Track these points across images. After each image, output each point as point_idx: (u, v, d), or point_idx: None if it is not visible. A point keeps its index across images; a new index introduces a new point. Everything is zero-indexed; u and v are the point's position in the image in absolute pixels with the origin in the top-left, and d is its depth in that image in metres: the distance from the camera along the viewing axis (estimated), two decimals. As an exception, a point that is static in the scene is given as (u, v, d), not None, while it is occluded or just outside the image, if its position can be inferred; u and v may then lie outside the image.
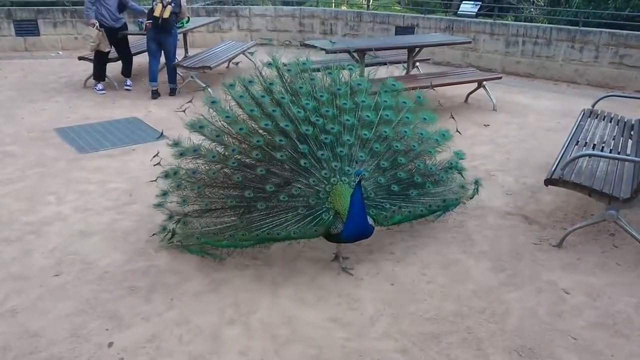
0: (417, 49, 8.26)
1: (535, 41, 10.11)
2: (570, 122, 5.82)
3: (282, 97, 3.80)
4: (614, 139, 4.96)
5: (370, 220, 3.52)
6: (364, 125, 3.86)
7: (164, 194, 3.92)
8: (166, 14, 7.67)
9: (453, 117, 4.48)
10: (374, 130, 3.87)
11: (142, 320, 3.27)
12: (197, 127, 3.79)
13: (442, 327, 3.26)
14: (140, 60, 9.29)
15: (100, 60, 8.26)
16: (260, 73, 3.97)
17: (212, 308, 3.38)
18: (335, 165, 3.60)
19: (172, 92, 8.27)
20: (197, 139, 3.85)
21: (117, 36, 8.13)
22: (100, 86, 8.42)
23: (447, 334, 3.20)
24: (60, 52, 11.42)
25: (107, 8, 7.89)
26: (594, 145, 4.81)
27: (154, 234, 4.08)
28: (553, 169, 4.21)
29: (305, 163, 3.56)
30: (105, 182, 5.20)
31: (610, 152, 4.64)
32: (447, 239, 4.22)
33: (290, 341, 3.12)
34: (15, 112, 7.33)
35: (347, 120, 3.79)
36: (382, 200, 3.75)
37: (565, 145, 4.75)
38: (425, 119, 4.11)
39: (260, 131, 3.72)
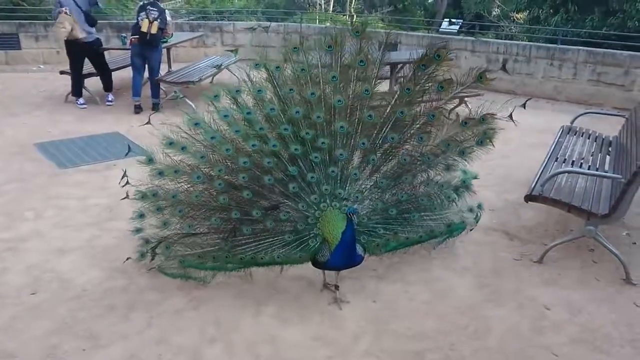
0: (399, 65, 8.34)
1: (516, 58, 10.29)
2: (550, 138, 5.90)
3: (271, 109, 3.46)
4: (592, 156, 5.05)
5: (359, 249, 3.36)
6: (364, 131, 3.47)
7: (141, 215, 3.66)
8: (153, 30, 7.66)
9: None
10: (374, 137, 3.48)
11: (120, 339, 3.21)
12: (178, 147, 3.50)
13: (425, 344, 3.25)
14: (123, 75, 9.25)
15: (77, 76, 8.19)
16: (249, 78, 3.59)
17: (192, 326, 3.33)
18: (326, 189, 3.39)
19: (155, 107, 8.22)
20: (175, 156, 3.58)
21: (90, 52, 8.07)
22: (81, 100, 8.34)
23: (430, 351, 3.19)
24: (42, 66, 11.30)
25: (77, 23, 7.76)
26: (573, 161, 4.88)
27: (128, 258, 3.88)
28: (533, 185, 4.26)
29: (294, 187, 3.37)
30: (85, 198, 5.13)
31: (588, 169, 4.72)
32: (430, 255, 4.23)
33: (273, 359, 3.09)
34: (-6, 127, 7.21)
35: (341, 128, 3.38)
36: (375, 225, 3.53)
37: (545, 162, 4.82)
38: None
39: (248, 150, 3.44)
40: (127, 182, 3.68)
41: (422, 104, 3.55)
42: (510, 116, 3.84)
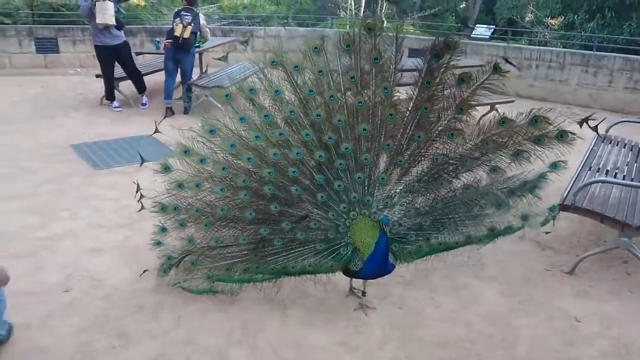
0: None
1: (549, 65, 10.12)
2: (583, 146, 5.77)
3: (291, 112, 3.28)
4: (627, 165, 4.93)
5: (391, 258, 3.25)
6: (387, 132, 3.27)
7: (163, 229, 3.53)
8: (186, 34, 7.83)
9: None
10: (399, 138, 3.27)
11: (149, 338, 3.28)
12: (196, 158, 3.39)
13: (451, 352, 3.22)
14: (156, 79, 9.44)
15: (108, 79, 8.41)
16: (265, 77, 3.41)
17: (219, 328, 3.38)
18: (354, 197, 3.24)
19: (186, 111, 8.37)
20: (193, 165, 3.45)
21: (119, 55, 8.28)
22: (116, 103, 8.55)
23: (456, 359, 3.17)
24: (79, 70, 11.63)
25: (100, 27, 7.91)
26: (607, 171, 4.77)
27: (145, 270, 3.81)
28: (565, 194, 4.18)
29: (322, 197, 3.22)
30: (118, 199, 5.25)
31: (623, 179, 4.60)
32: (457, 262, 4.18)
33: (298, 362, 3.11)
34: (33, 128, 7.44)
35: (364, 130, 3.21)
36: (407, 232, 3.36)
37: (578, 171, 4.72)
38: None
39: (271, 159, 3.26)
40: (141, 196, 3.67)
41: (445, 99, 3.30)
42: (594, 128, 3.83)
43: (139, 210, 3.73)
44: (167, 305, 3.58)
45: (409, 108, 3.27)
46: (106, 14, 7.73)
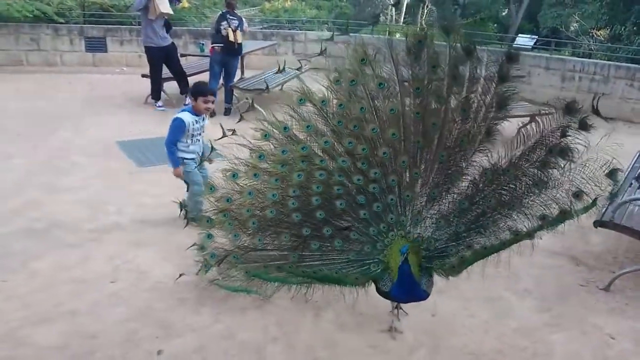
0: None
1: (592, 77, 9.96)
2: (624, 161, 5.70)
3: (325, 142, 3.21)
4: (670, 184, 4.84)
5: (424, 284, 3.08)
6: (407, 149, 3.10)
7: (209, 236, 3.52)
8: (239, 39, 8.13)
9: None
10: (416, 154, 3.09)
11: (190, 331, 3.44)
12: (251, 174, 3.36)
13: (483, 363, 3.27)
14: (197, 80, 9.72)
15: (156, 79, 8.71)
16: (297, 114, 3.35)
17: (256, 325, 3.51)
18: (391, 218, 3.15)
19: (227, 112, 8.60)
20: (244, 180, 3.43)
21: (168, 56, 8.57)
22: (160, 103, 8.85)
23: (487, 370, 3.21)
24: (125, 69, 12.06)
25: (154, 28, 8.34)
26: (648, 188, 4.71)
27: (181, 275, 3.85)
28: (604, 210, 4.16)
29: (364, 214, 3.15)
30: (161, 196, 5.45)
31: (665, 197, 4.53)
32: (491, 274, 4.20)
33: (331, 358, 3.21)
34: (82, 124, 7.79)
35: (384, 153, 3.10)
36: (445, 245, 3.15)
37: (618, 187, 4.67)
38: None
39: (318, 179, 3.19)
40: (186, 212, 3.95)
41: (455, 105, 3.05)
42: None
43: (185, 227, 3.95)
44: (207, 301, 3.74)
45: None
46: (165, 3, 8.11)
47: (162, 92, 8.94)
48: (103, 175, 5.94)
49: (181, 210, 4.04)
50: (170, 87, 9.14)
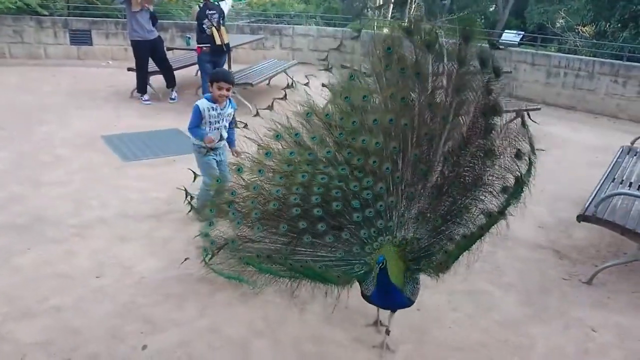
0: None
1: (577, 73, 10.05)
2: (609, 157, 5.78)
3: (327, 152, 3.28)
4: (651, 179, 4.92)
5: (409, 291, 3.07)
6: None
7: (211, 224, 3.51)
8: (226, 39, 8.06)
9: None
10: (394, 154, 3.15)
11: (175, 326, 3.43)
12: (255, 170, 3.38)
13: (466, 355, 3.30)
14: (183, 73, 9.67)
15: (142, 73, 8.64)
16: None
17: (242, 319, 3.51)
18: (380, 224, 3.18)
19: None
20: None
21: (154, 49, 8.50)
22: (146, 97, 8.77)
23: (470, 363, 3.24)
24: (111, 62, 11.92)
25: (139, 21, 8.24)
26: (631, 183, 4.78)
27: (186, 259, 3.92)
28: (587, 205, 4.21)
29: (358, 217, 3.19)
30: (146, 191, 5.43)
31: (646, 192, 4.60)
32: (475, 268, 4.23)
33: (317, 358, 3.22)
34: (66, 118, 7.70)
35: (374, 162, 3.18)
36: (429, 242, 3.14)
37: (601, 182, 4.74)
38: None
39: (320, 182, 3.25)
40: (191, 198, 3.88)
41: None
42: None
43: (188, 213, 3.90)
44: (192, 296, 3.73)
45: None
46: None
47: (148, 86, 8.86)
48: (87, 170, 5.88)
49: (186, 197, 3.97)
50: (157, 80, 9.06)
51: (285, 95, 3.55)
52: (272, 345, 3.30)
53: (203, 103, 4.47)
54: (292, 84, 3.70)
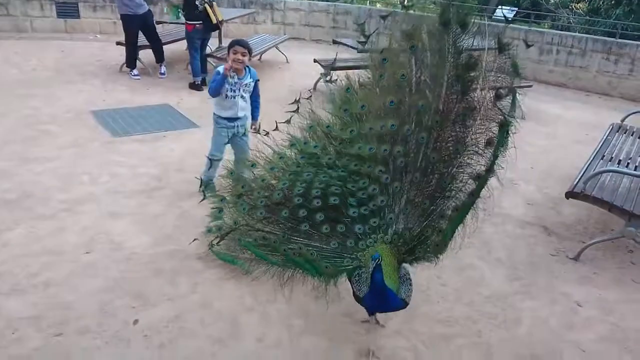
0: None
1: (570, 51, 10.02)
2: (599, 134, 5.80)
3: (329, 159, 3.35)
4: (640, 156, 4.96)
5: (403, 293, 2.96)
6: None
7: (220, 211, 3.62)
8: (220, 16, 7.93)
9: None
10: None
11: (166, 300, 3.44)
12: (268, 168, 3.48)
13: (453, 329, 3.35)
14: (173, 48, 9.53)
15: (131, 48, 8.50)
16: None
17: (232, 295, 3.53)
18: (374, 222, 3.13)
19: (203, 82, 8.45)
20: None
21: (144, 23, 8.35)
22: (135, 72, 8.64)
23: (458, 336, 3.30)
24: (99, 36, 11.70)
25: None
26: (619, 161, 4.81)
27: (195, 239, 3.92)
28: (575, 182, 4.25)
29: (354, 212, 3.16)
30: (136, 167, 5.39)
31: (635, 169, 4.64)
32: (463, 243, 4.26)
33: (305, 332, 3.26)
34: (54, 92, 7.58)
35: (369, 167, 3.17)
36: (421, 229, 3.06)
37: (590, 159, 4.77)
38: None
39: (322, 176, 3.29)
40: (204, 196, 3.88)
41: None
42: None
43: (201, 201, 3.85)
44: (183, 272, 3.74)
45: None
46: None
47: (137, 61, 8.73)
48: (76, 145, 5.81)
49: (200, 185, 4.04)
50: (146, 55, 8.92)
51: (298, 108, 3.62)
52: (262, 321, 3.33)
53: (222, 68, 4.44)
54: (298, 100, 3.74)
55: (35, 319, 3.19)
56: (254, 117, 4.77)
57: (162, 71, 8.82)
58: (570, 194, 4.16)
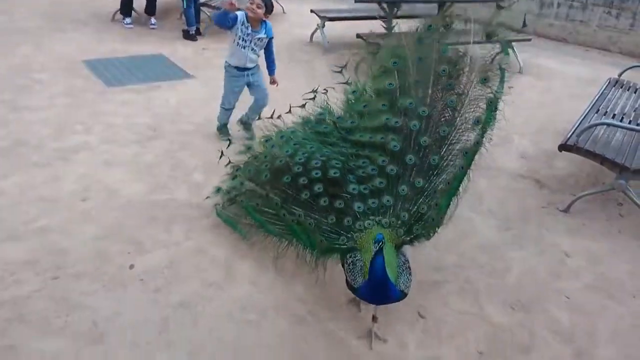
0: (447, 4, 8.12)
1: (571, 4, 9.83)
2: (596, 90, 5.77)
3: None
4: (635, 111, 4.95)
5: (403, 283, 2.79)
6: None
7: (234, 178, 3.68)
8: None
9: None
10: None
11: (161, 247, 3.50)
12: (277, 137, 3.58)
13: (444, 276, 3.44)
14: (168, -2, 9.33)
15: None
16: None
17: (226, 242, 3.59)
18: (373, 202, 3.10)
19: (198, 32, 8.30)
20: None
21: None
22: (128, 20, 8.46)
23: (447, 282, 3.39)
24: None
25: None
26: (614, 115, 4.81)
27: (207, 197, 3.87)
28: (569, 135, 4.26)
29: (354, 189, 3.13)
30: (130, 116, 5.36)
31: (629, 123, 4.64)
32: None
33: (296, 275, 3.33)
34: (45, 41, 7.43)
35: (370, 150, 3.26)
36: (417, 206, 3.07)
37: (585, 113, 4.76)
38: None
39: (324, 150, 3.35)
40: (230, 142, 3.97)
41: None
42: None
43: (227, 165, 3.85)
44: (178, 219, 3.79)
45: None
46: None
47: (132, 9, 8.52)
48: (69, 95, 5.75)
49: (226, 160, 3.95)
50: (139, 5, 8.69)
51: (315, 97, 3.82)
52: (255, 266, 3.40)
53: (241, 14, 4.44)
54: (315, 90, 3.85)
55: (33, 263, 3.25)
56: (271, 71, 4.86)
57: (153, 22, 8.60)
58: (563, 147, 4.18)
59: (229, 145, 3.89)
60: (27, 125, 4.97)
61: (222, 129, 5.00)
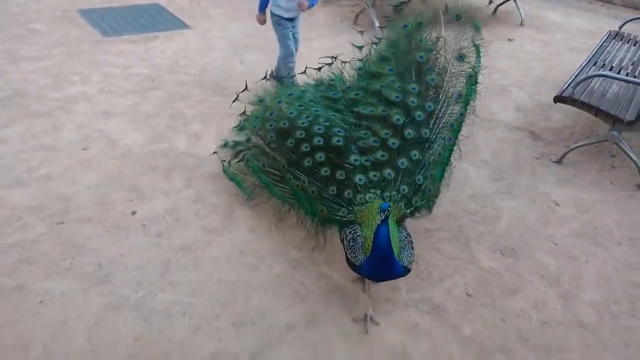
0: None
1: (576, -47, 9.58)
2: (596, 42, 5.74)
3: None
4: (633, 64, 4.94)
5: (406, 258, 2.74)
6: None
7: (242, 128, 3.75)
8: None
9: None
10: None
11: (162, 195, 3.59)
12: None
13: (435, 224, 3.54)
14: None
15: None
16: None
17: (226, 191, 3.68)
18: (375, 175, 3.10)
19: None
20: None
21: None
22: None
23: (439, 230, 3.50)
24: None
25: None
26: (612, 67, 4.81)
27: (215, 152, 3.90)
28: (565, 87, 4.28)
29: (355, 160, 3.13)
30: (128, 67, 5.36)
31: (626, 76, 4.65)
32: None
33: (292, 226, 3.42)
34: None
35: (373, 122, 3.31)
36: (416, 179, 3.12)
37: (583, 65, 4.76)
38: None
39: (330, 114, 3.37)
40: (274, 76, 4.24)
41: None
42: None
43: (267, 79, 4.10)
44: (177, 168, 3.87)
45: None
46: None
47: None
48: (66, 45, 5.72)
49: (267, 74, 4.19)
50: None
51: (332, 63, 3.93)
52: (254, 213, 3.50)
53: None
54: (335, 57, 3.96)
55: (38, 208, 3.35)
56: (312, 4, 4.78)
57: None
58: (558, 98, 4.21)
59: (243, 90, 3.86)
60: (26, 75, 4.98)
61: (293, 78, 4.83)
